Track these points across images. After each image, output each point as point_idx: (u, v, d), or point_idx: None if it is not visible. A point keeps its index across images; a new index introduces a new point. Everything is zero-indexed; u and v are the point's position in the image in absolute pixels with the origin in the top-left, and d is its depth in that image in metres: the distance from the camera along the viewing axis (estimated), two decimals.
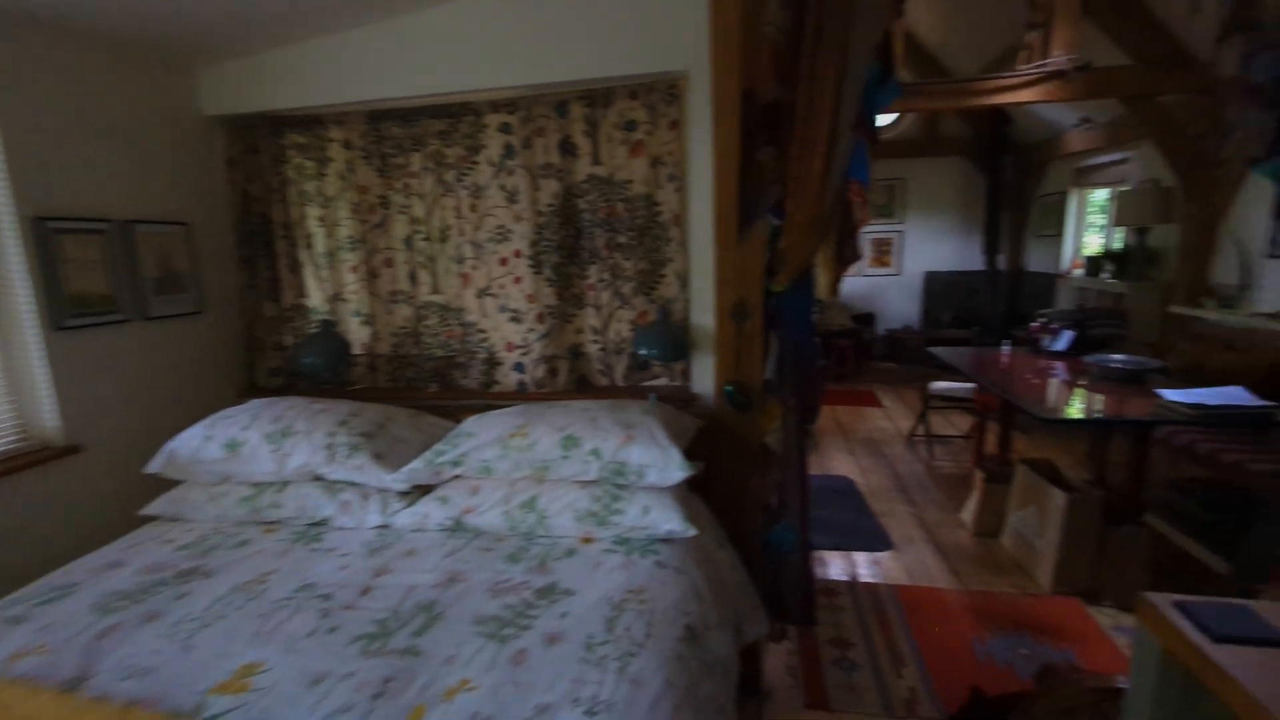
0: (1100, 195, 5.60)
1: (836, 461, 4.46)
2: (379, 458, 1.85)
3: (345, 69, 2.31)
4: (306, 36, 2.31)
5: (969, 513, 3.30)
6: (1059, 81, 3.90)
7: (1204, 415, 2.40)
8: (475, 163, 2.36)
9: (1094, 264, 5.08)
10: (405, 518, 1.75)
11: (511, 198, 2.34)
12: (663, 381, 2.34)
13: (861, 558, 3.10)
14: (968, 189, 7.02)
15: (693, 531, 1.54)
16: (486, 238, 2.40)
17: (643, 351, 2.12)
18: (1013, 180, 6.71)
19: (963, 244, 7.15)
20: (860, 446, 4.75)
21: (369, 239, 2.51)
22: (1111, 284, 4.72)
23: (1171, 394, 2.55)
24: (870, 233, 7.37)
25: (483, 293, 2.45)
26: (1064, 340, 3.64)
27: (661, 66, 2.06)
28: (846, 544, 3.22)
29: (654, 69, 2.07)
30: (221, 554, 1.64)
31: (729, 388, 2.00)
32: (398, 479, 1.82)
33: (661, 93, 2.14)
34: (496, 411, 1.89)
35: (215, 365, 2.56)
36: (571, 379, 2.42)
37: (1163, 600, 1.01)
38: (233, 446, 1.87)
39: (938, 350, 4.01)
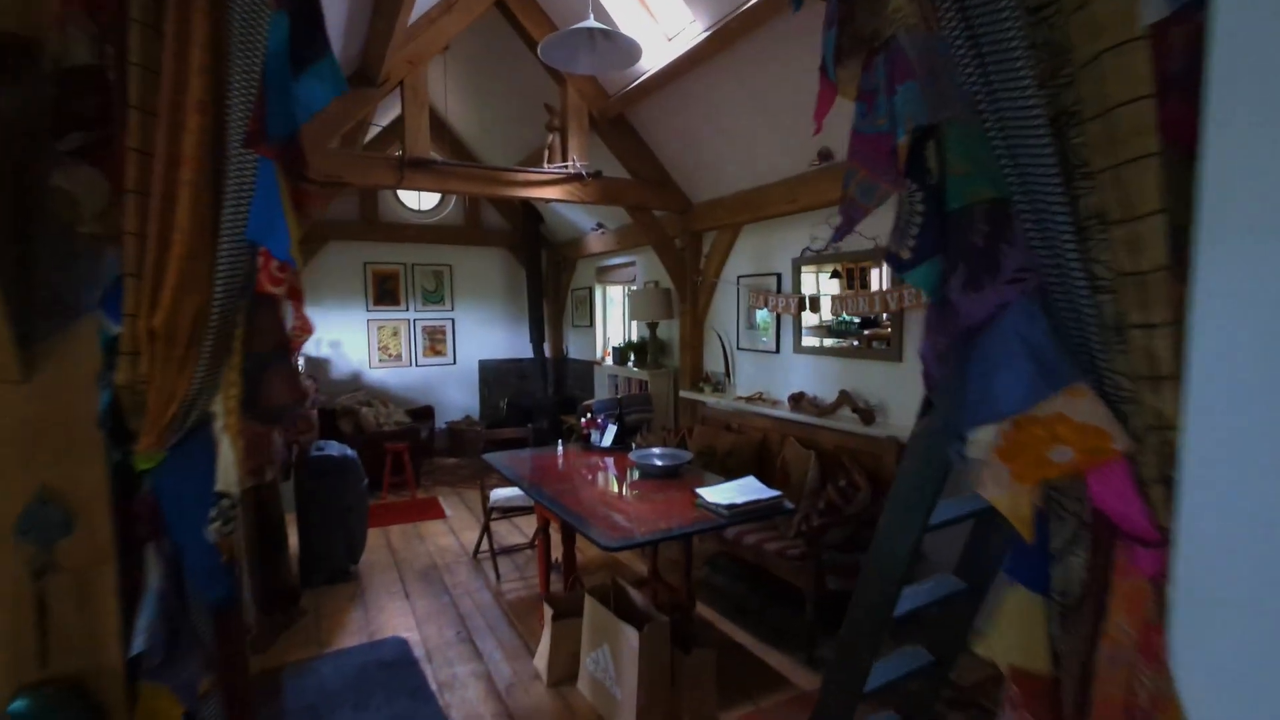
0: (617, 292, 6.30)
1: (389, 614, 3.44)
2: None
3: None
4: None
5: (542, 658, 2.76)
6: (577, 184, 4.05)
7: (737, 514, 2.42)
8: None
9: (620, 353, 5.55)
10: None
11: None
12: None
13: None
14: (512, 279, 7.15)
15: None
16: None
17: None
18: (550, 274, 7.14)
19: (512, 332, 7.21)
20: (418, 582, 3.85)
21: None
22: (635, 371, 5.17)
23: (708, 494, 2.54)
24: (423, 320, 6.73)
25: None
26: (609, 435, 3.60)
27: None
28: None
29: None
30: None
31: (22, 703, 0.87)
32: None
33: None
34: None
35: None
36: None
37: None
38: None
39: (494, 457, 3.55)
